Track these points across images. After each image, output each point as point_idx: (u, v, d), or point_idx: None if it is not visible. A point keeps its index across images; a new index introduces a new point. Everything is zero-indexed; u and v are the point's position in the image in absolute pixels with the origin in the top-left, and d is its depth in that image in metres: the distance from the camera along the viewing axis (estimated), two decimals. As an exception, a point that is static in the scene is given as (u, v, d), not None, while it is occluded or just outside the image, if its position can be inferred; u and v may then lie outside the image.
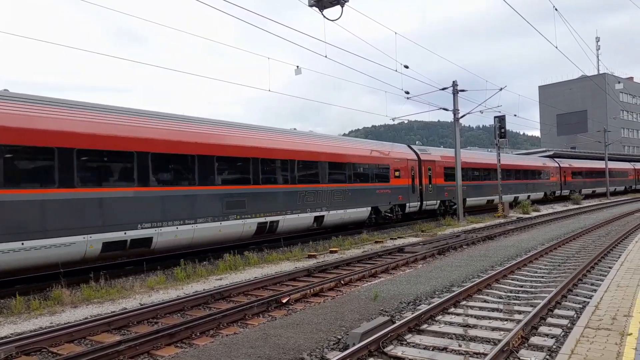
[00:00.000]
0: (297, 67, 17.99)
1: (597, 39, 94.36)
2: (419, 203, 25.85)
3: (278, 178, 17.43)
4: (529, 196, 38.75)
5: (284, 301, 9.10)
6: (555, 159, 47.43)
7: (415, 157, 26.13)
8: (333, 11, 8.89)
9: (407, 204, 24.80)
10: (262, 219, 16.32)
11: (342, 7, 8.65)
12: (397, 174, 23.97)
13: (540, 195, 41.96)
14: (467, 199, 30.24)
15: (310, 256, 15.08)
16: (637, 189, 63.55)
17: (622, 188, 59.43)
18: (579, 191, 48.25)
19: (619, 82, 51.82)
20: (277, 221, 17.02)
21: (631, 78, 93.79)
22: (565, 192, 46.31)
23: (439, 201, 27.88)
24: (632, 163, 64.97)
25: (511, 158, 39.71)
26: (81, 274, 12.21)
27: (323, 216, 19.31)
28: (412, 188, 25.04)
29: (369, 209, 22.09)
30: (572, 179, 47.77)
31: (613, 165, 56.89)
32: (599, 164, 53.81)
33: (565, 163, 47.50)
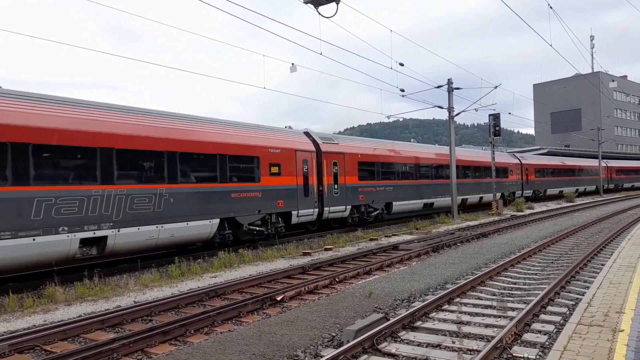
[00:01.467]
0: (293, 64, 17.97)
1: (592, 38, 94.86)
2: (315, 210, 19.20)
3: None
4: (481, 198, 33.04)
5: (279, 299, 9.11)
6: (517, 154, 42.28)
7: (311, 146, 19.40)
8: (328, 8, 8.89)
9: (294, 212, 18.06)
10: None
11: (337, 4, 8.65)
12: (274, 169, 17.27)
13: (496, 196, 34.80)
14: (396, 203, 24.60)
15: (305, 254, 15.09)
16: (610, 188, 58.29)
17: (593, 188, 53.38)
18: (543, 192, 43.39)
19: (613, 81, 51.93)
20: None
21: (625, 76, 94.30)
22: (528, 192, 40.46)
23: (349, 207, 21.13)
24: (605, 160, 58.73)
25: (460, 152, 32.39)
26: (75, 272, 12.16)
27: (105, 238, 12.02)
28: (303, 189, 18.51)
29: (214, 222, 14.99)
30: (535, 177, 42.10)
31: (584, 162, 53.33)
32: (568, 161, 49.78)
33: (530, 160, 42.17)
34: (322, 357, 6.09)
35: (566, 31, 20.59)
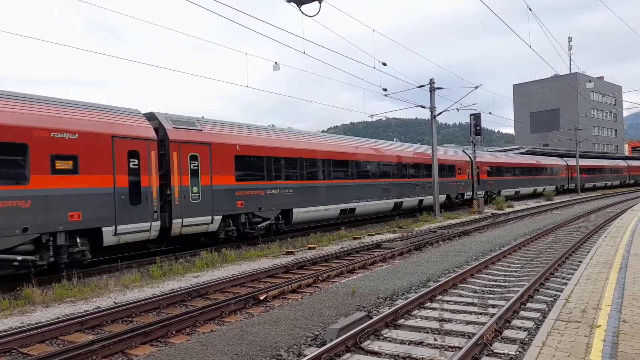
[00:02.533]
0: (276, 63, 17.91)
1: (569, 39, 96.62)
2: (155, 224, 13.55)
3: None
4: (420, 201, 27.96)
5: (262, 298, 9.08)
6: (466, 151, 36.77)
7: (147, 132, 13.59)
8: (311, 7, 8.87)
9: (108, 229, 12.44)
10: None
11: (320, 3, 8.64)
12: (63, 165, 11.69)
13: (440, 199, 28.90)
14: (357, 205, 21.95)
15: (288, 253, 15.07)
16: (570, 188, 54.39)
17: (553, 187, 49.11)
18: (497, 192, 38.16)
19: (590, 82, 52.94)
20: None
21: (601, 77, 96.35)
22: (479, 193, 35.16)
23: (219, 217, 15.62)
24: (565, 159, 55.69)
25: (390, 146, 27.09)
26: (53, 273, 11.93)
27: None
28: (129, 195, 12.95)
29: None
30: (487, 176, 36.85)
31: (544, 161, 49.92)
32: (525, 159, 45.59)
33: (483, 157, 37.12)
34: (305, 356, 6.08)
35: (545, 32, 20.94)
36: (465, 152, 35.98)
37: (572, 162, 55.64)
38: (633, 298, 6.93)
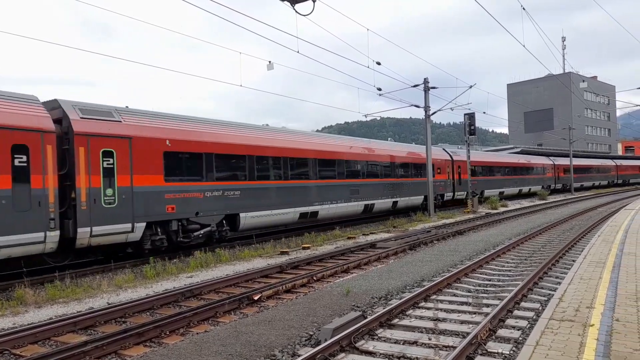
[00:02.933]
0: (270, 62, 17.87)
1: (563, 39, 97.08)
2: (52, 234, 11.35)
3: None
4: (395, 203, 25.83)
5: (256, 298, 9.05)
6: (447, 149, 35.27)
7: (39, 122, 11.45)
8: (305, 6, 8.84)
9: None
10: None
11: (313, 1, 8.61)
12: None
13: (415, 201, 27.79)
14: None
15: (282, 253, 15.04)
16: (557, 188, 52.40)
17: (539, 188, 46.61)
18: (480, 193, 35.71)
19: (584, 81, 53.30)
20: None
21: (595, 77, 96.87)
22: (460, 194, 33.42)
23: (143, 224, 13.40)
24: (552, 158, 53.62)
25: (360, 143, 24.58)
26: (46, 273, 11.85)
27: None
28: (13, 199, 10.76)
29: None
30: (469, 176, 32.92)
31: (531, 160, 47.60)
32: (510, 159, 43.80)
33: (464, 156, 33.02)
34: (299, 356, 6.07)
35: (538, 32, 21.04)
36: (445, 151, 34.09)
37: (559, 161, 54.00)
38: (626, 297, 6.96)
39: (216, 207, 15.68)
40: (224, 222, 16.15)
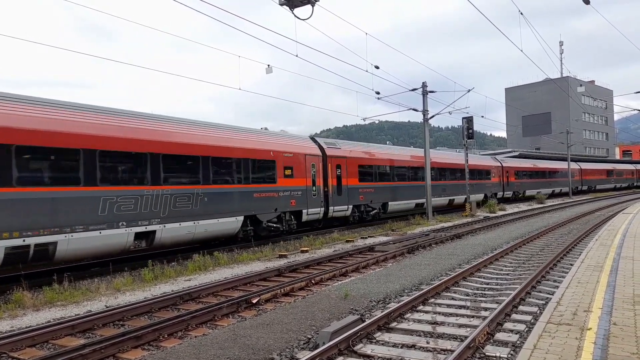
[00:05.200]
0: (268, 65, 17.91)
1: (561, 43, 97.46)
2: None
3: None
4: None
5: (254, 301, 9.05)
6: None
7: None
8: (304, 10, 8.89)
9: None
10: None
11: (312, 6, 8.66)
12: None
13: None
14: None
15: (281, 256, 15.04)
16: (507, 197, 42.40)
17: (481, 196, 37.40)
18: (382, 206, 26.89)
19: (581, 85, 53.39)
20: None
21: (593, 81, 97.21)
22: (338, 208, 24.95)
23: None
24: (500, 159, 43.68)
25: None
26: (44, 276, 11.83)
27: None
28: None
29: None
30: (358, 182, 24.64)
31: (477, 162, 37.85)
32: (455, 158, 35.12)
33: (348, 149, 24.58)
34: (297, 359, 6.08)
35: (536, 37, 21.12)
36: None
37: (509, 163, 43.78)
38: (623, 301, 6.98)
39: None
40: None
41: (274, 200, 18.30)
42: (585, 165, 61.51)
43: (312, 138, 22.55)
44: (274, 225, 18.55)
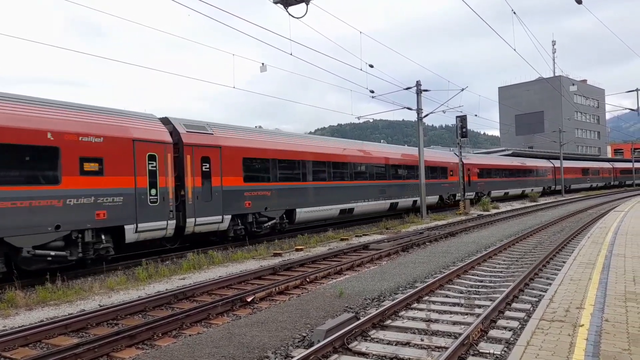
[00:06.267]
0: (263, 64, 17.88)
1: (554, 42, 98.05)
2: None
3: None
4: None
5: (249, 300, 9.05)
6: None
7: None
8: (298, 9, 8.88)
9: None
10: None
11: (307, 4, 8.65)
12: None
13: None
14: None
15: (275, 254, 15.03)
16: (468, 198, 33.84)
17: (435, 198, 31.75)
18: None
19: (573, 85, 53.60)
20: None
21: (585, 81, 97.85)
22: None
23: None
24: (464, 155, 34.45)
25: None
26: (37, 275, 11.75)
27: None
28: None
29: None
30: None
31: (431, 157, 31.82)
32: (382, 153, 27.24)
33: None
34: (292, 357, 6.08)
35: (529, 36, 21.23)
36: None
37: (472, 159, 38.50)
38: (615, 298, 7.04)
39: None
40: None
41: (51, 212, 11.48)
42: (559, 163, 55.93)
43: (166, 118, 15.67)
44: (54, 253, 11.57)
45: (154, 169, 14.05)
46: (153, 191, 13.96)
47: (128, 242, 13.37)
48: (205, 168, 15.87)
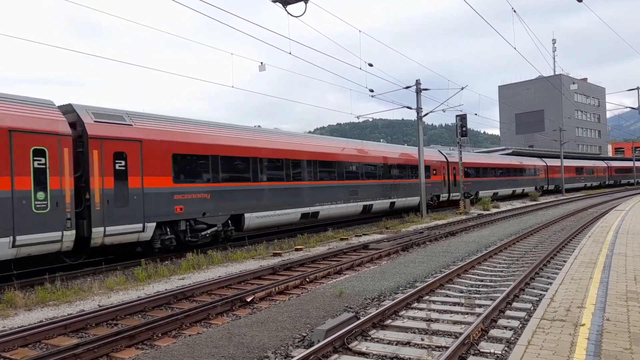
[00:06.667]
0: (262, 63, 17.84)
1: (554, 41, 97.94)
2: None
3: None
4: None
5: (249, 300, 9.02)
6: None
7: None
8: (297, 7, 8.85)
9: None
10: None
11: (305, 3, 8.62)
12: None
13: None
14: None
15: (275, 254, 15.01)
16: (454, 199, 33.40)
17: (415, 201, 28.39)
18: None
19: (574, 83, 53.42)
20: None
21: (585, 79, 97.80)
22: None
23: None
24: (446, 153, 34.80)
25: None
26: (36, 275, 11.73)
27: None
28: None
29: None
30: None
31: (411, 155, 28.95)
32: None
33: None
34: (292, 357, 6.06)
35: (529, 34, 21.20)
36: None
37: (455, 158, 33.89)
38: (617, 297, 7.02)
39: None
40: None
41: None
42: (552, 162, 54.08)
43: (70, 105, 13.02)
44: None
45: (43, 166, 11.27)
46: (41, 195, 11.17)
47: (1, 259, 10.64)
48: (120, 166, 13.11)
